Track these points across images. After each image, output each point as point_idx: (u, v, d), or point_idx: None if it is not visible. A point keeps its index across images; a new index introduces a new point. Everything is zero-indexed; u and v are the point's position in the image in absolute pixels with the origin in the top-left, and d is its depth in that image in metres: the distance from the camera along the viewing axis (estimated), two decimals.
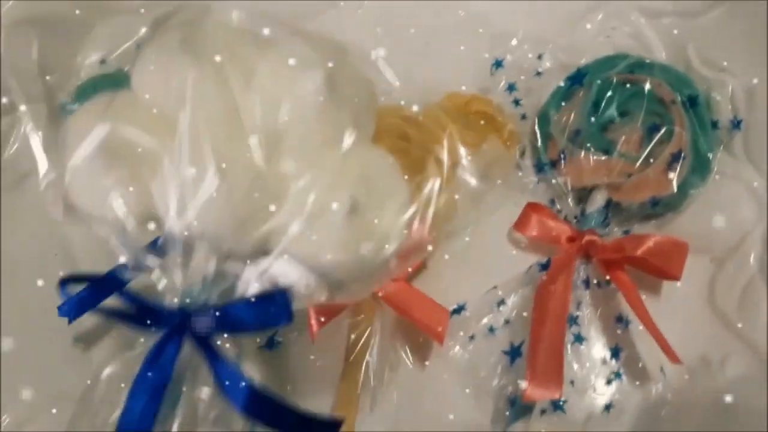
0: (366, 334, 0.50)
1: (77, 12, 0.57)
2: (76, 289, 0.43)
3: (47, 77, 0.56)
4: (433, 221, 0.49)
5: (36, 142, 0.55)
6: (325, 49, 0.40)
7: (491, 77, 0.55)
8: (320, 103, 0.38)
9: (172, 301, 0.40)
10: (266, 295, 0.38)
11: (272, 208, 0.38)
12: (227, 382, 0.38)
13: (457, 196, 0.51)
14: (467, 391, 0.50)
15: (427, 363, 0.51)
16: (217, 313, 0.38)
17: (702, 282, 0.51)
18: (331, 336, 0.51)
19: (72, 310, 0.43)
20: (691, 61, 0.53)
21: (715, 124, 0.52)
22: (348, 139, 0.39)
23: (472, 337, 0.50)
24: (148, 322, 0.40)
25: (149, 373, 0.39)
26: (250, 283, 0.39)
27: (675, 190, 0.49)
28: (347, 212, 0.37)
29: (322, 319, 0.49)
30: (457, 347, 0.50)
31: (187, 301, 0.39)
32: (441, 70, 0.57)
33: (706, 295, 0.51)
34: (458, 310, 0.50)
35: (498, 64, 0.55)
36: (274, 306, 0.38)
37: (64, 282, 0.43)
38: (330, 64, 0.39)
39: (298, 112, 0.38)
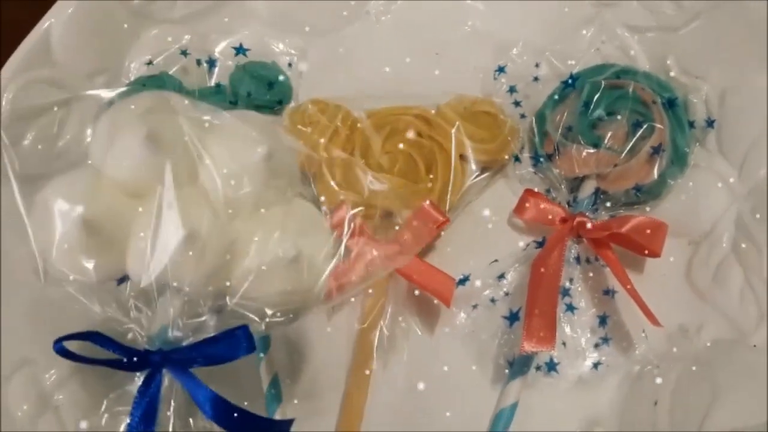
0: (380, 303, 0.55)
1: (125, 26, 0.62)
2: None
3: (98, 77, 0.61)
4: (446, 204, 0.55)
5: (86, 134, 0.61)
6: (264, 127, 0.46)
7: (494, 81, 0.61)
8: (264, 172, 0.44)
9: (152, 344, 0.45)
10: (230, 330, 0.43)
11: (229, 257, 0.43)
12: (201, 399, 0.44)
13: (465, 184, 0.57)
14: (470, 353, 0.54)
15: (434, 329, 0.55)
16: (187, 352, 0.44)
17: (680, 262, 0.56)
18: (348, 305, 0.56)
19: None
20: (671, 70, 0.59)
21: (691, 124, 0.57)
22: (287, 199, 0.46)
23: (475, 306, 0.55)
24: (132, 364, 0.44)
25: (140, 408, 0.43)
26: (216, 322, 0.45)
27: (656, 177, 0.55)
28: (291, 259, 0.43)
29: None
30: (462, 314, 0.55)
31: (163, 342, 0.44)
32: (450, 76, 0.62)
33: (684, 272, 0.56)
34: (463, 280, 0.55)
35: (500, 70, 0.60)
36: (238, 339, 0.43)
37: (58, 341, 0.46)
38: (269, 141, 0.45)
39: (248, 181, 0.44)
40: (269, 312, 0.44)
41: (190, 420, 0.46)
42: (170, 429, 0.45)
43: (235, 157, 0.43)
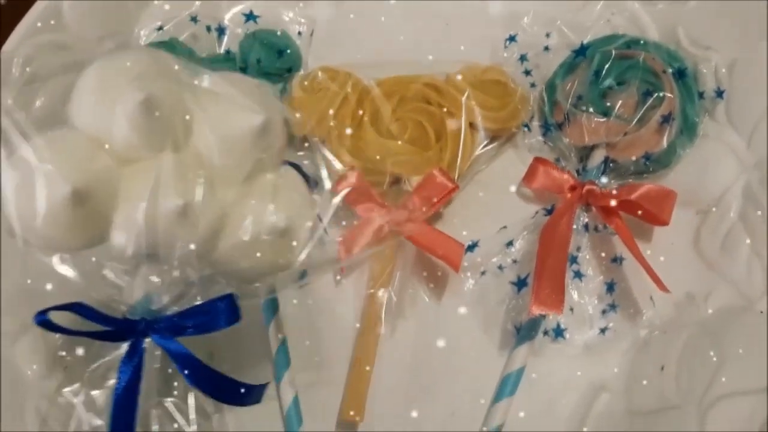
0: (388, 269, 0.55)
1: None
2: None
3: (108, 42, 0.61)
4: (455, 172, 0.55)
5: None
6: (259, 94, 0.45)
7: (505, 50, 0.60)
8: (259, 140, 0.43)
9: (134, 314, 0.44)
10: (214, 300, 0.43)
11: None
12: (184, 366, 0.44)
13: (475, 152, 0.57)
14: (478, 319, 0.54)
15: (442, 296, 0.55)
16: (171, 321, 0.44)
17: (688, 231, 0.56)
18: (357, 271, 0.56)
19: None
20: (681, 41, 0.58)
21: (701, 94, 0.57)
22: (278, 172, 0.45)
23: (483, 273, 0.55)
24: (117, 333, 0.44)
25: (125, 376, 0.43)
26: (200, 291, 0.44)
27: (665, 146, 0.54)
28: (282, 231, 0.43)
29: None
30: (470, 280, 0.55)
31: (146, 311, 0.44)
32: (460, 46, 0.62)
33: (692, 242, 0.55)
34: (472, 247, 0.55)
35: (511, 39, 0.60)
36: (222, 309, 0.43)
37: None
38: (267, 108, 0.44)
39: (244, 149, 0.43)
40: (253, 282, 0.44)
41: (174, 386, 0.46)
42: (155, 396, 0.45)
43: (232, 126, 0.42)
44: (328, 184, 0.57)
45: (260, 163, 0.43)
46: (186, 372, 0.43)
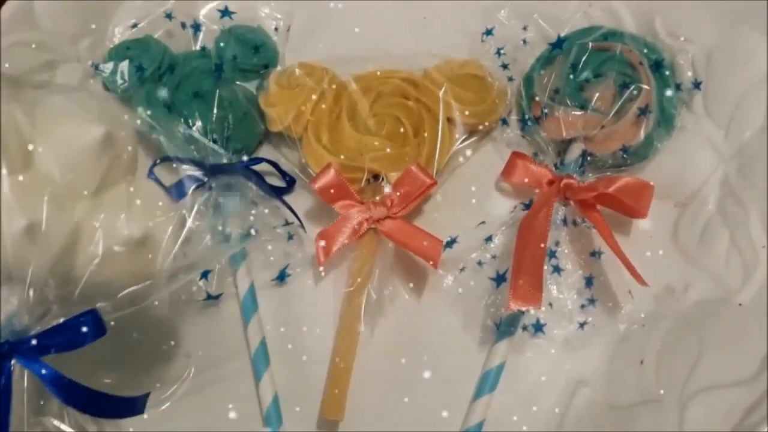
0: (367, 266, 0.54)
1: None
2: None
3: (82, 40, 0.60)
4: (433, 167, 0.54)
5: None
6: (99, 107, 0.44)
7: (482, 44, 0.59)
8: (103, 153, 0.42)
9: None
10: (78, 316, 0.42)
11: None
12: (53, 385, 0.42)
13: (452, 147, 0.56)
14: (458, 315, 0.53)
15: (422, 293, 0.54)
16: (35, 341, 0.42)
17: (667, 224, 0.55)
18: (336, 269, 0.55)
19: None
20: (658, 32, 0.57)
21: (678, 86, 0.56)
22: (130, 178, 0.44)
23: (462, 269, 0.54)
24: None
25: None
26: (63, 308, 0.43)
27: (642, 138, 0.54)
28: (137, 241, 0.42)
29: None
30: (449, 277, 0.54)
31: (10, 332, 0.42)
32: (437, 39, 0.61)
33: (670, 234, 0.55)
34: (450, 243, 0.54)
35: (488, 32, 0.59)
36: (86, 325, 0.41)
37: None
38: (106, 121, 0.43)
39: (87, 164, 0.42)
40: (118, 295, 0.43)
41: (42, 405, 0.44)
42: (24, 416, 0.43)
43: (71, 141, 0.41)
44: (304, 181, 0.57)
45: (110, 175, 0.43)
46: (56, 391, 0.42)
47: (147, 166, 0.51)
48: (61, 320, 0.42)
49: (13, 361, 0.41)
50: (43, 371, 0.41)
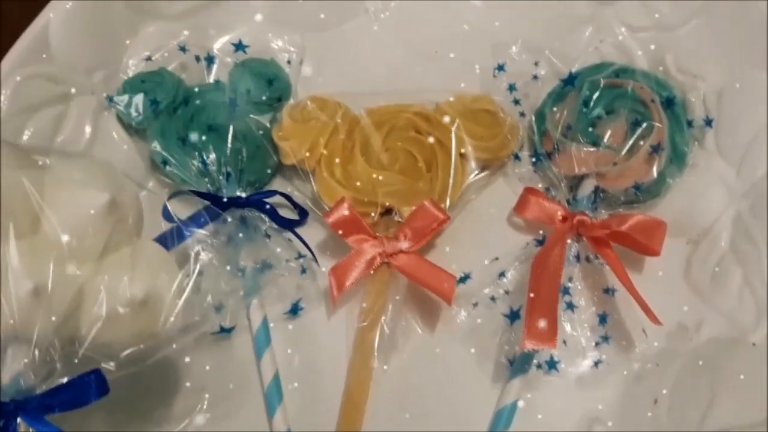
0: (380, 301, 0.53)
1: (124, 21, 0.60)
2: None
3: (96, 73, 0.60)
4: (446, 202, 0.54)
5: (86, 130, 0.59)
6: (104, 173, 0.45)
7: (494, 80, 0.59)
8: (108, 218, 0.42)
9: (4, 395, 0.42)
10: (82, 375, 0.42)
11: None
12: None
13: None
14: (471, 351, 0.53)
15: (435, 328, 0.54)
16: (40, 400, 0.42)
17: (679, 261, 0.55)
18: (348, 303, 0.55)
19: None
20: (669, 69, 0.57)
21: (689, 123, 0.56)
22: (133, 240, 0.45)
23: (475, 305, 0.53)
24: None
25: None
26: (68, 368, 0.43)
27: (655, 176, 0.53)
28: (140, 302, 0.42)
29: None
30: (462, 312, 0.53)
31: (16, 391, 0.42)
32: (449, 74, 0.61)
33: (683, 271, 0.54)
34: (464, 278, 0.53)
35: (500, 68, 0.59)
36: (90, 384, 0.42)
37: None
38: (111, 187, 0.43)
39: (92, 229, 0.42)
40: (121, 355, 0.43)
41: None
42: None
43: (76, 207, 0.42)
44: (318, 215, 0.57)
45: (114, 238, 0.43)
46: None
47: (152, 227, 0.51)
48: (65, 380, 0.42)
49: (18, 420, 0.41)
50: (46, 430, 0.41)
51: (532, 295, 0.49)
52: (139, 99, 0.58)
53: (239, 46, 0.61)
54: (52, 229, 0.41)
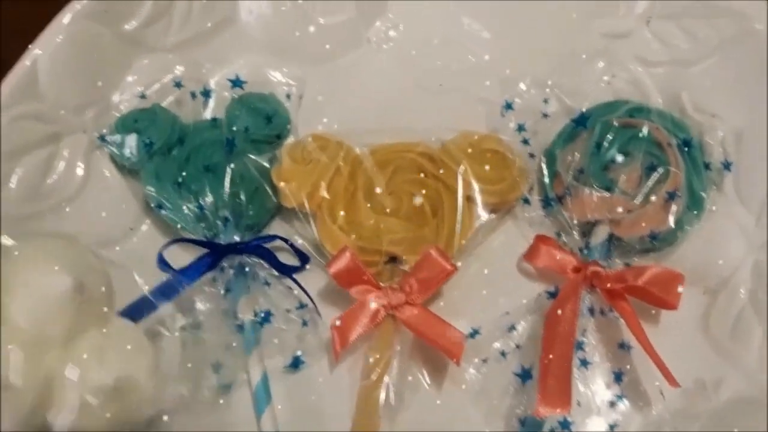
0: (386, 357, 0.51)
1: (116, 55, 0.57)
2: None
3: (87, 110, 0.56)
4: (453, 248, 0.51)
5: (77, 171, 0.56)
6: (67, 253, 0.43)
7: (501, 118, 0.56)
8: (73, 302, 0.41)
9: None
10: None
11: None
12: None
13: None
14: (480, 411, 0.50)
15: (443, 384, 0.51)
16: None
17: (697, 312, 0.52)
18: (351, 356, 0.52)
19: None
20: (686, 108, 0.54)
21: (707, 166, 0.53)
22: (102, 320, 0.43)
23: (485, 360, 0.51)
24: None
25: None
26: None
27: (672, 225, 0.51)
28: (111, 387, 0.40)
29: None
30: (471, 369, 0.51)
31: None
32: (455, 107, 0.58)
33: (701, 324, 0.52)
34: (473, 334, 0.51)
35: (508, 106, 0.56)
36: None
37: None
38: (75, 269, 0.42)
39: (58, 314, 0.41)
40: None
41: None
42: None
43: (39, 293, 0.41)
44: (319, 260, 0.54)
45: (81, 321, 0.42)
46: None
47: (149, 272, 0.49)
48: None
49: None
50: None
51: (545, 358, 0.46)
52: (132, 140, 0.55)
53: (236, 82, 0.58)
54: (14, 316, 0.40)
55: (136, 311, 0.47)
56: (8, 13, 0.63)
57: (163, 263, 0.52)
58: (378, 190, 0.54)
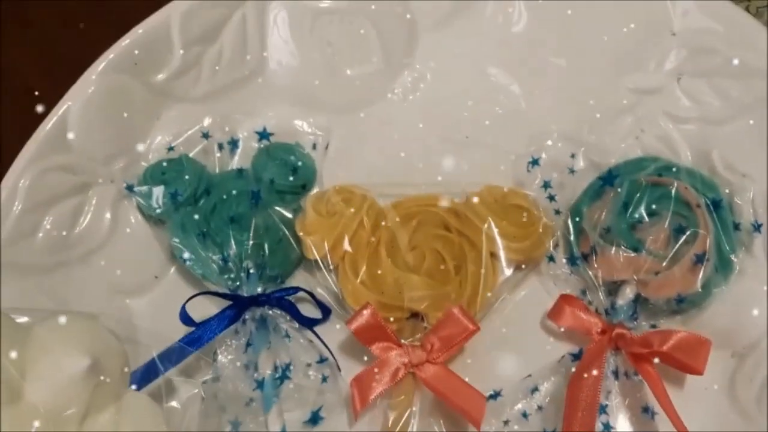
0: (406, 415, 0.50)
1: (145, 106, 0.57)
2: None
3: (116, 161, 0.57)
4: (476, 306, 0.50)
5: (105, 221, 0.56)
6: (83, 332, 0.43)
7: (527, 174, 0.56)
8: (90, 381, 0.41)
9: None
10: None
11: None
12: None
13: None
14: None
15: None
16: None
17: (723, 376, 0.51)
18: (371, 412, 0.52)
19: None
20: (716, 166, 0.53)
21: (737, 226, 0.52)
22: (118, 397, 0.43)
23: (506, 422, 0.50)
24: None
25: None
26: None
27: (699, 289, 0.49)
28: None
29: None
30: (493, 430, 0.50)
31: None
32: (480, 159, 0.58)
33: (727, 388, 0.51)
34: (494, 395, 0.50)
35: (534, 162, 0.55)
36: None
37: None
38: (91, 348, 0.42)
39: (75, 394, 0.41)
40: None
41: None
42: None
43: (56, 373, 0.41)
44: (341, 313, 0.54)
45: (97, 400, 0.42)
46: None
47: (172, 318, 0.48)
48: None
49: None
50: None
51: (566, 424, 0.45)
52: (159, 191, 0.55)
53: (263, 135, 0.58)
54: (33, 396, 0.40)
55: (153, 373, 0.47)
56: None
57: (185, 317, 0.52)
58: (401, 245, 0.53)
